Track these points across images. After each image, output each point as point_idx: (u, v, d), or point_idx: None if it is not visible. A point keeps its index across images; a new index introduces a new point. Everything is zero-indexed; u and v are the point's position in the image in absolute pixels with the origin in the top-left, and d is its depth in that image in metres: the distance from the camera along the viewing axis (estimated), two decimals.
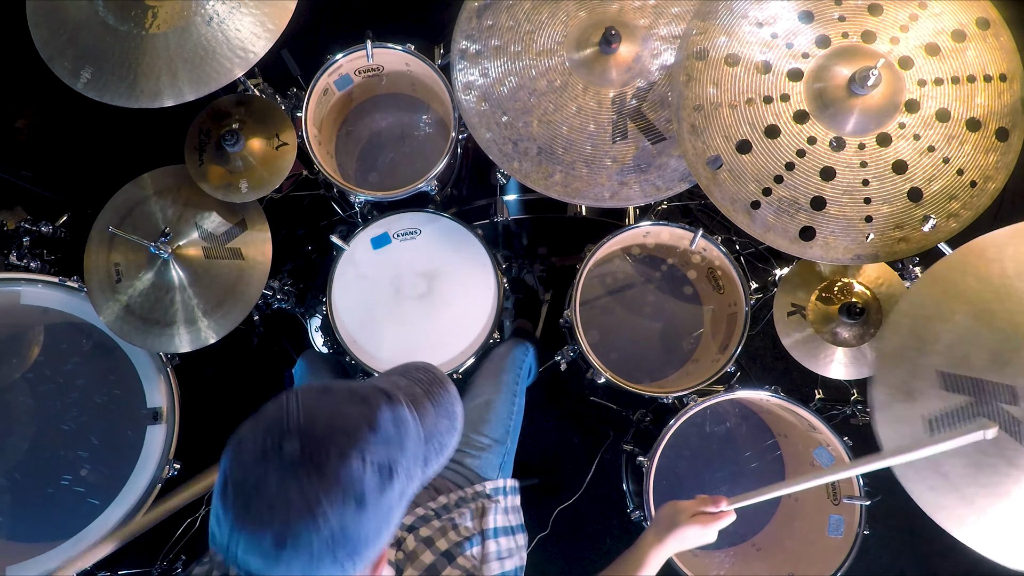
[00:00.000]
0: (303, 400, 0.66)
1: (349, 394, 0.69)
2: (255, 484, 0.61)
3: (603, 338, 1.74)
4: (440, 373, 0.83)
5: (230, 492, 0.63)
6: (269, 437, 0.63)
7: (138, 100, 1.32)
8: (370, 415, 0.67)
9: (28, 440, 1.65)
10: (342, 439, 0.63)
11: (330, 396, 0.68)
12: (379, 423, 0.67)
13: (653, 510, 1.47)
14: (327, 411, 0.66)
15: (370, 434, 0.65)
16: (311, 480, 0.61)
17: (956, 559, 2.02)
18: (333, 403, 0.67)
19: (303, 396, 0.67)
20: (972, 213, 1.18)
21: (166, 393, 1.54)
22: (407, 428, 0.70)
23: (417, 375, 0.80)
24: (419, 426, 0.72)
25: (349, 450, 0.63)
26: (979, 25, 1.20)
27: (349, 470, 0.62)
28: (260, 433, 0.64)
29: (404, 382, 0.77)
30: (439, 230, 1.62)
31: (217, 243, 1.52)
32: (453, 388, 0.81)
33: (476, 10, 1.43)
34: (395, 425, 0.69)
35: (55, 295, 1.57)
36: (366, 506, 0.63)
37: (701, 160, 1.24)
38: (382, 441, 0.66)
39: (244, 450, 0.64)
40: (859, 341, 1.54)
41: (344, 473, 0.62)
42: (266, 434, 0.63)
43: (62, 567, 1.18)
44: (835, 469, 1.06)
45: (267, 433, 0.63)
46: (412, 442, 0.70)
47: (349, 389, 0.70)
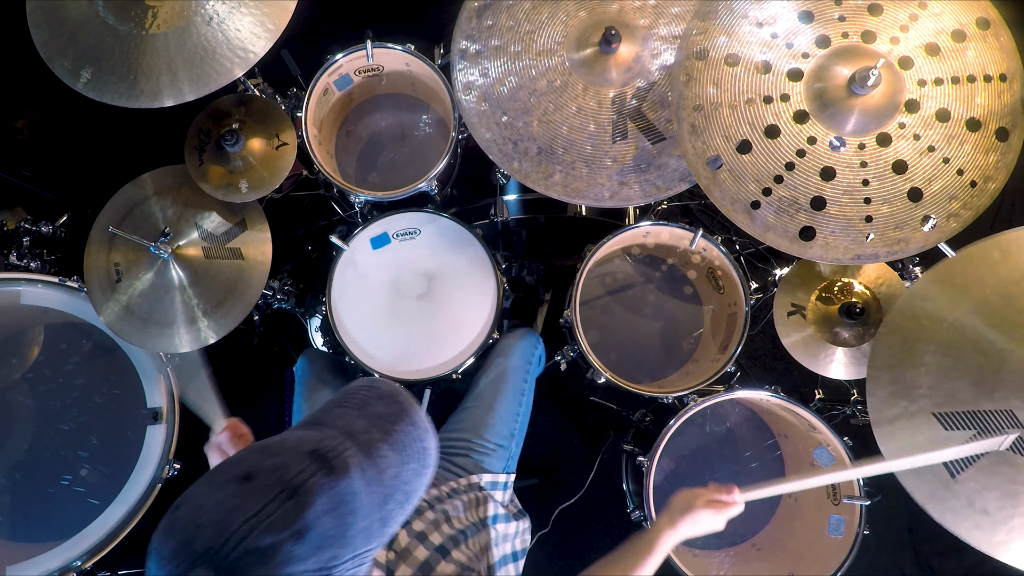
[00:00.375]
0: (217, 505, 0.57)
1: (276, 485, 0.58)
2: None
3: (603, 338, 1.74)
4: (405, 399, 0.71)
5: None
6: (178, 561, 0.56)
7: (138, 100, 1.32)
8: (297, 519, 0.56)
9: (28, 440, 1.65)
10: (260, 565, 0.55)
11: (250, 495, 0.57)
12: (310, 525, 0.57)
13: (653, 510, 1.47)
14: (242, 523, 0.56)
15: (296, 547, 0.56)
16: None
17: (956, 559, 2.02)
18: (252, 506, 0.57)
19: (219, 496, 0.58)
20: (972, 213, 1.18)
21: (166, 393, 1.54)
22: (355, 506, 0.60)
23: (377, 409, 0.68)
24: (375, 487, 0.62)
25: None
26: (979, 25, 1.20)
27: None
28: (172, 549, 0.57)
29: (360, 424, 0.66)
30: (439, 230, 1.62)
31: (217, 243, 1.52)
32: (421, 418, 0.70)
33: (476, 10, 1.43)
34: (335, 512, 0.59)
35: (55, 295, 1.57)
36: None
37: (701, 160, 1.24)
38: (313, 550, 0.57)
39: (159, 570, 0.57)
40: (859, 341, 1.54)
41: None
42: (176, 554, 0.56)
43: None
44: (850, 467, 1.06)
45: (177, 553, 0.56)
46: (362, 519, 0.61)
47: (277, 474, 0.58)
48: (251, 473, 0.59)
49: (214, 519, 0.56)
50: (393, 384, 0.73)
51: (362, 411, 0.68)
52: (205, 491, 0.59)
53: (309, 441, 0.62)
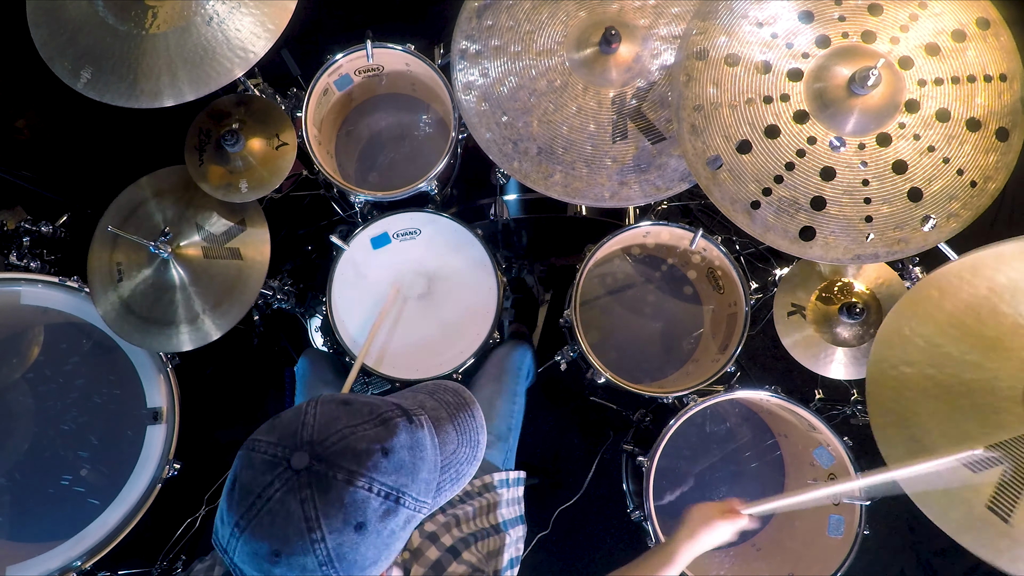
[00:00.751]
0: (321, 412, 0.66)
1: (370, 412, 0.67)
2: (260, 491, 0.61)
3: (603, 338, 1.74)
4: (469, 397, 0.80)
5: (236, 493, 0.63)
6: (281, 446, 0.63)
7: (138, 100, 1.32)
8: (386, 439, 0.65)
9: (28, 440, 1.65)
10: (352, 462, 0.63)
11: (349, 412, 0.67)
12: (394, 448, 0.65)
13: (653, 510, 1.47)
14: (342, 428, 0.65)
15: (382, 460, 0.64)
16: (313, 499, 0.61)
17: (956, 559, 2.02)
18: (351, 420, 0.66)
19: (322, 407, 0.67)
20: (972, 213, 1.18)
21: (166, 393, 1.54)
22: (423, 455, 0.68)
23: (445, 397, 0.78)
24: (437, 452, 0.71)
25: (357, 474, 0.62)
26: (979, 25, 1.20)
27: (354, 495, 0.62)
28: (274, 439, 0.64)
29: (431, 403, 0.76)
30: (439, 230, 1.62)
31: (216, 243, 1.52)
32: (480, 415, 0.79)
33: (476, 10, 1.43)
34: (411, 451, 0.67)
35: (55, 295, 1.57)
36: (366, 532, 0.62)
37: (701, 160, 1.24)
38: (393, 468, 0.65)
39: (256, 453, 0.64)
40: (859, 341, 1.54)
41: (348, 497, 0.61)
42: (279, 441, 0.63)
43: None
44: (851, 481, 1.08)
45: (280, 441, 0.63)
46: (426, 470, 0.69)
47: (371, 407, 0.68)
48: (350, 400, 0.69)
49: (320, 421, 0.65)
50: (459, 384, 0.83)
51: (432, 395, 0.78)
52: (308, 404, 0.67)
53: (392, 398, 0.73)
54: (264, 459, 0.63)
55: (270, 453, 0.63)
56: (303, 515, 0.60)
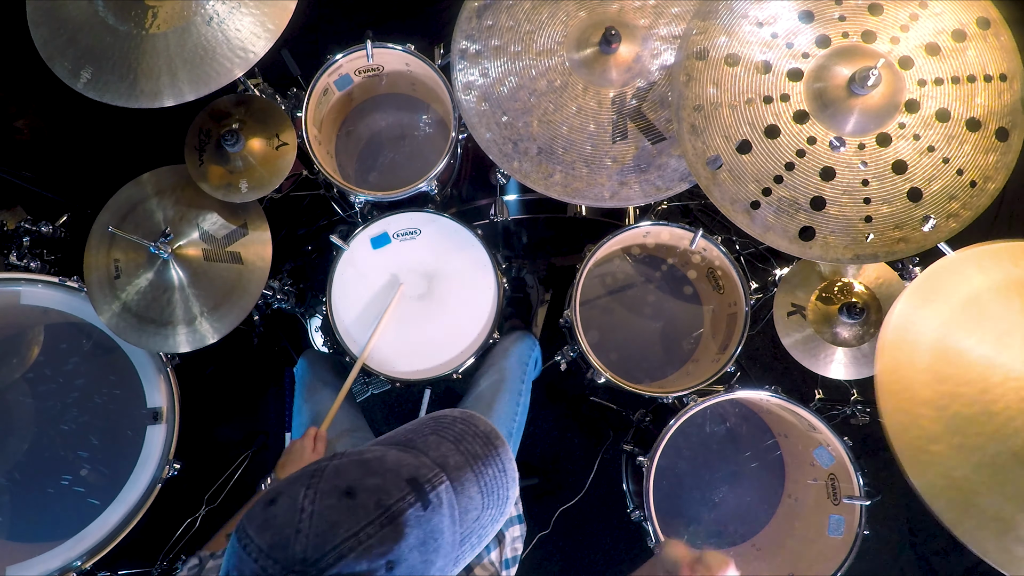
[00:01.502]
0: (318, 514, 0.57)
1: (376, 505, 0.58)
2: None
3: (603, 338, 1.74)
4: (500, 442, 0.69)
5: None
6: (271, 560, 0.56)
7: (138, 100, 1.32)
8: (392, 547, 0.57)
9: (28, 440, 1.65)
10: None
11: (351, 512, 0.57)
12: (401, 557, 0.57)
13: (653, 510, 1.47)
14: (340, 543, 0.56)
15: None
16: None
17: (956, 559, 2.02)
18: (352, 525, 0.56)
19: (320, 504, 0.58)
20: (972, 213, 1.18)
21: (166, 393, 1.54)
22: (438, 545, 0.60)
23: (473, 447, 0.67)
24: (456, 528, 0.62)
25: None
26: (979, 25, 1.20)
27: None
28: (265, 544, 0.56)
29: (455, 459, 0.65)
30: (439, 230, 1.62)
31: (217, 245, 1.52)
32: (512, 466, 0.69)
33: (476, 10, 1.43)
34: (422, 548, 0.59)
35: (55, 295, 1.57)
36: None
37: (701, 160, 1.24)
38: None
39: (247, 559, 0.57)
40: (859, 341, 1.54)
41: None
42: (270, 552, 0.56)
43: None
44: None
45: (271, 552, 0.56)
46: (441, 558, 0.61)
47: (378, 496, 0.58)
48: (353, 489, 0.58)
49: (316, 529, 0.56)
50: (489, 424, 0.72)
51: (458, 446, 0.66)
52: (305, 494, 0.58)
53: (408, 467, 0.62)
54: (254, 570, 0.56)
55: (260, 564, 0.56)
56: None
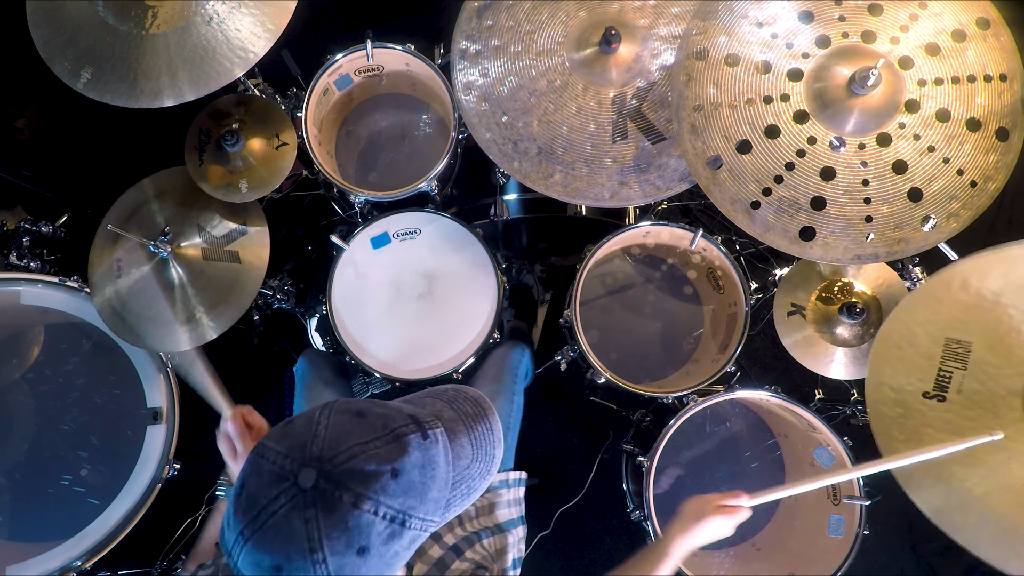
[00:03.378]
0: (333, 424, 0.64)
1: (383, 427, 0.65)
2: (266, 504, 0.61)
3: (603, 338, 1.74)
4: (489, 407, 0.77)
5: (243, 500, 0.63)
6: (290, 458, 0.62)
7: (138, 100, 1.32)
8: (397, 458, 0.64)
9: (28, 440, 1.65)
10: (359, 483, 0.61)
11: (362, 426, 0.65)
12: (404, 468, 0.64)
13: (653, 510, 1.47)
14: (352, 446, 0.63)
15: (391, 482, 0.63)
16: (317, 520, 0.60)
17: (956, 559, 2.02)
18: (362, 436, 0.64)
19: (335, 418, 0.65)
20: (972, 213, 1.18)
21: (166, 393, 1.54)
22: (435, 473, 0.67)
23: (465, 407, 0.75)
24: (450, 469, 0.69)
25: (363, 497, 0.61)
26: (979, 25, 1.20)
27: (358, 519, 0.61)
28: (284, 448, 0.63)
29: (448, 413, 0.73)
30: (439, 230, 1.62)
31: (216, 244, 1.52)
32: (499, 428, 0.77)
33: (476, 10, 1.43)
34: (422, 470, 0.65)
35: (55, 295, 1.57)
36: (369, 556, 0.62)
37: (701, 160, 1.24)
38: (402, 490, 0.63)
39: (265, 463, 0.63)
40: (859, 341, 1.54)
41: (352, 521, 0.61)
42: (288, 452, 0.62)
43: None
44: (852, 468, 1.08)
45: (289, 452, 0.62)
46: (436, 489, 0.67)
47: (385, 420, 0.66)
48: (363, 411, 0.67)
49: (331, 434, 0.64)
50: (480, 393, 0.79)
51: (451, 404, 0.75)
52: (321, 413, 0.66)
53: (409, 408, 0.70)
54: (272, 469, 0.62)
55: (278, 464, 0.62)
56: (306, 535, 0.60)
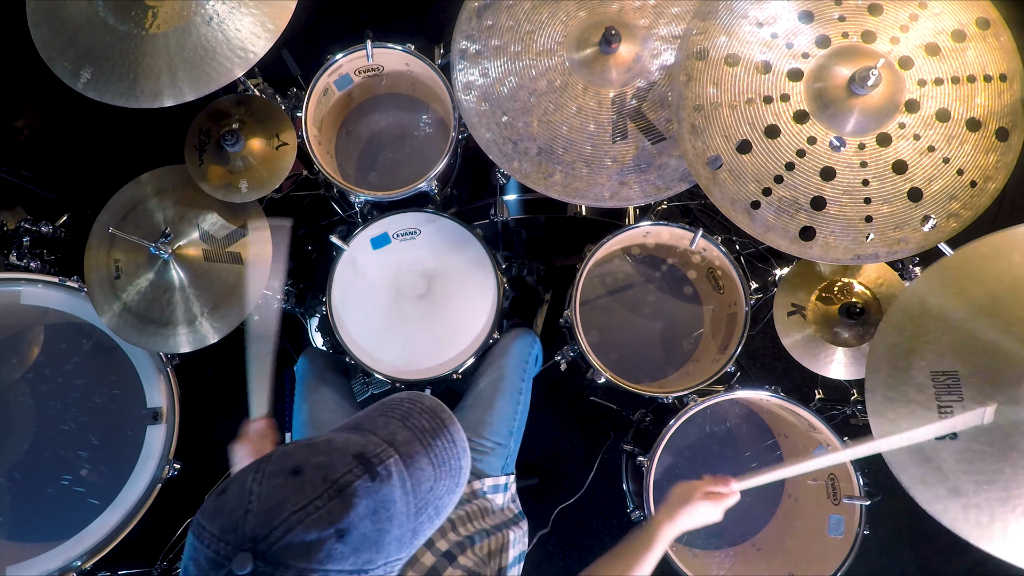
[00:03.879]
0: (265, 494, 0.59)
1: (323, 480, 0.59)
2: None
3: (603, 338, 1.74)
4: (447, 416, 0.72)
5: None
6: (224, 542, 0.57)
7: (138, 100, 1.32)
8: (341, 517, 0.58)
9: (28, 440, 1.65)
10: (301, 558, 0.56)
11: (298, 488, 0.59)
12: (352, 526, 0.58)
13: (653, 510, 1.47)
14: (288, 517, 0.57)
15: (337, 545, 0.57)
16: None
17: (956, 559, 2.02)
18: (299, 500, 0.58)
19: (267, 485, 0.59)
20: (972, 213, 1.18)
21: (166, 393, 1.54)
22: (391, 513, 0.62)
23: (420, 422, 0.69)
24: (410, 499, 0.64)
25: (308, 572, 0.56)
26: (979, 25, 1.20)
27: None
28: (216, 529, 0.58)
29: (403, 434, 0.67)
30: (439, 230, 1.62)
31: (217, 245, 1.52)
32: (461, 436, 0.72)
33: (476, 10, 1.43)
34: (374, 517, 0.60)
35: (55, 295, 1.57)
36: None
37: (701, 160, 1.24)
38: (352, 551, 0.58)
39: (201, 547, 0.58)
40: (859, 341, 1.54)
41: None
42: (221, 536, 0.57)
43: None
44: (841, 449, 1.07)
45: (222, 535, 0.57)
46: (396, 527, 0.62)
47: (324, 472, 0.60)
48: (299, 467, 0.60)
49: (263, 507, 0.58)
50: (436, 400, 0.74)
51: (405, 422, 0.69)
52: (253, 477, 0.60)
53: (354, 444, 0.64)
54: (208, 555, 0.57)
55: (213, 548, 0.57)
56: None
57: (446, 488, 0.68)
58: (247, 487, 0.60)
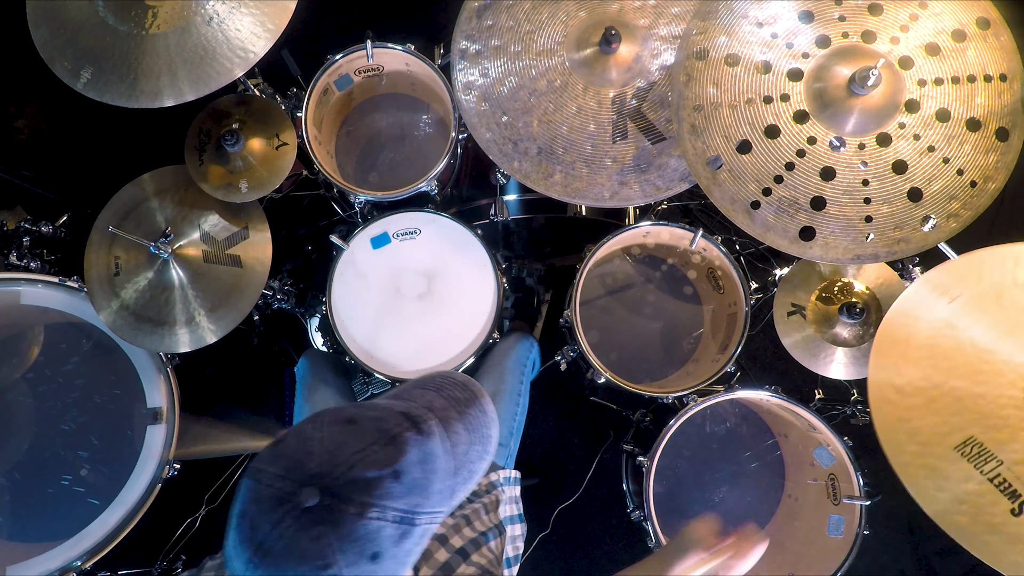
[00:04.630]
0: (327, 438, 0.64)
1: (377, 430, 0.65)
2: (271, 527, 0.60)
3: (603, 338, 1.74)
4: (478, 389, 0.78)
5: (247, 528, 0.62)
6: (289, 479, 0.61)
7: (138, 100, 1.32)
8: (396, 460, 0.63)
9: (28, 440, 1.65)
10: (363, 492, 0.61)
11: (356, 434, 0.64)
12: (404, 469, 0.64)
13: (653, 510, 1.47)
14: (350, 457, 0.62)
15: (393, 485, 0.62)
16: (327, 534, 0.60)
17: (956, 559, 2.02)
18: (358, 444, 0.63)
19: (328, 431, 0.65)
20: (972, 213, 1.18)
21: (166, 393, 1.54)
22: (435, 466, 0.67)
23: (454, 392, 0.75)
24: (450, 457, 0.69)
25: (369, 505, 0.61)
26: (979, 25, 1.20)
27: (367, 527, 0.61)
28: (280, 470, 0.62)
29: (439, 402, 0.73)
30: (439, 230, 1.62)
31: (217, 247, 1.52)
32: (490, 407, 0.77)
33: (476, 10, 1.43)
34: (422, 466, 0.65)
35: (55, 295, 1.57)
36: (382, 559, 0.62)
37: (701, 160, 1.24)
38: (406, 490, 0.63)
39: (262, 487, 0.62)
40: (859, 341, 1.54)
41: (361, 530, 0.61)
42: (286, 474, 0.61)
43: None
44: None
45: (287, 473, 0.61)
46: (439, 480, 0.67)
47: (378, 423, 0.66)
48: (355, 418, 0.66)
49: (325, 448, 0.63)
50: (466, 376, 0.81)
51: (440, 392, 0.75)
52: (312, 427, 0.65)
53: (399, 406, 0.70)
54: (271, 493, 0.61)
55: (277, 487, 0.61)
56: (318, 552, 0.59)
57: (477, 454, 0.73)
58: (307, 434, 0.64)
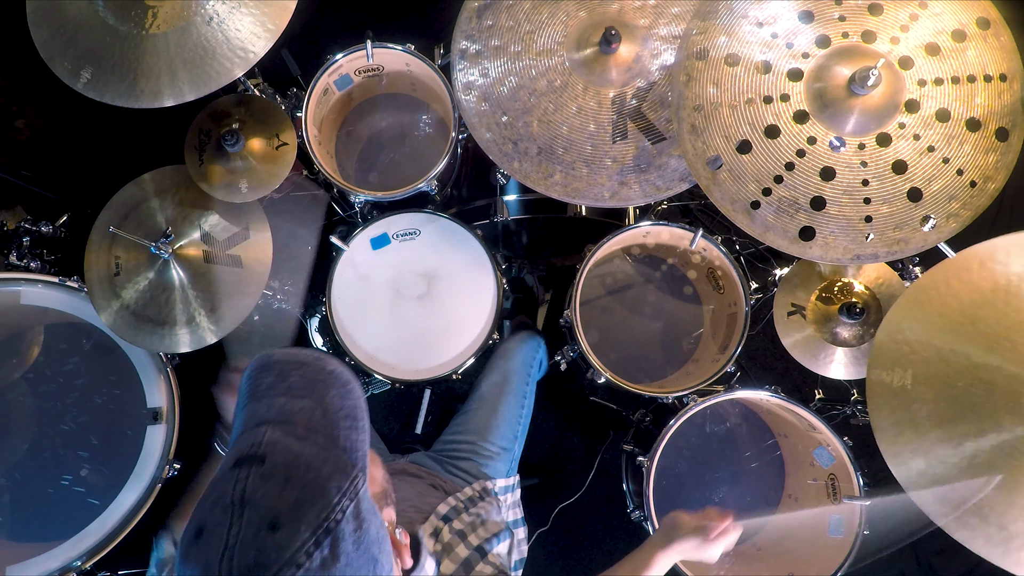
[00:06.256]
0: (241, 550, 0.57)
1: (225, 513, 0.58)
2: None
3: (603, 338, 1.74)
4: (279, 350, 0.69)
5: None
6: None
7: (138, 100, 1.32)
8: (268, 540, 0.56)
9: (28, 440, 1.65)
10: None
11: (203, 548, 0.58)
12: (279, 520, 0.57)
13: (653, 510, 1.47)
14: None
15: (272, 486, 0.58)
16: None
17: (956, 559, 2.02)
18: (217, 548, 0.57)
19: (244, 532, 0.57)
20: (972, 213, 1.18)
21: (166, 393, 1.54)
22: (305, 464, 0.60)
23: (265, 380, 0.67)
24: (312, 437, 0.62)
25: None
26: (979, 25, 1.20)
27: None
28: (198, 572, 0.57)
29: (263, 404, 0.65)
30: (439, 230, 1.62)
31: (218, 247, 1.52)
32: (306, 353, 0.69)
33: (476, 10, 1.43)
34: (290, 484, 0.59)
35: (55, 295, 1.57)
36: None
37: (701, 160, 1.24)
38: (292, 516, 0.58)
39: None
40: (859, 341, 1.54)
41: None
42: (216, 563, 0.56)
43: None
44: None
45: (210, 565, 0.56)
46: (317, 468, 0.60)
47: (220, 515, 0.58)
48: (201, 528, 0.59)
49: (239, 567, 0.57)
50: (266, 354, 0.70)
51: (255, 397, 0.67)
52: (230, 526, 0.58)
53: (230, 457, 0.62)
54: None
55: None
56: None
57: (338, 396, 0.66)
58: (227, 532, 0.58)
